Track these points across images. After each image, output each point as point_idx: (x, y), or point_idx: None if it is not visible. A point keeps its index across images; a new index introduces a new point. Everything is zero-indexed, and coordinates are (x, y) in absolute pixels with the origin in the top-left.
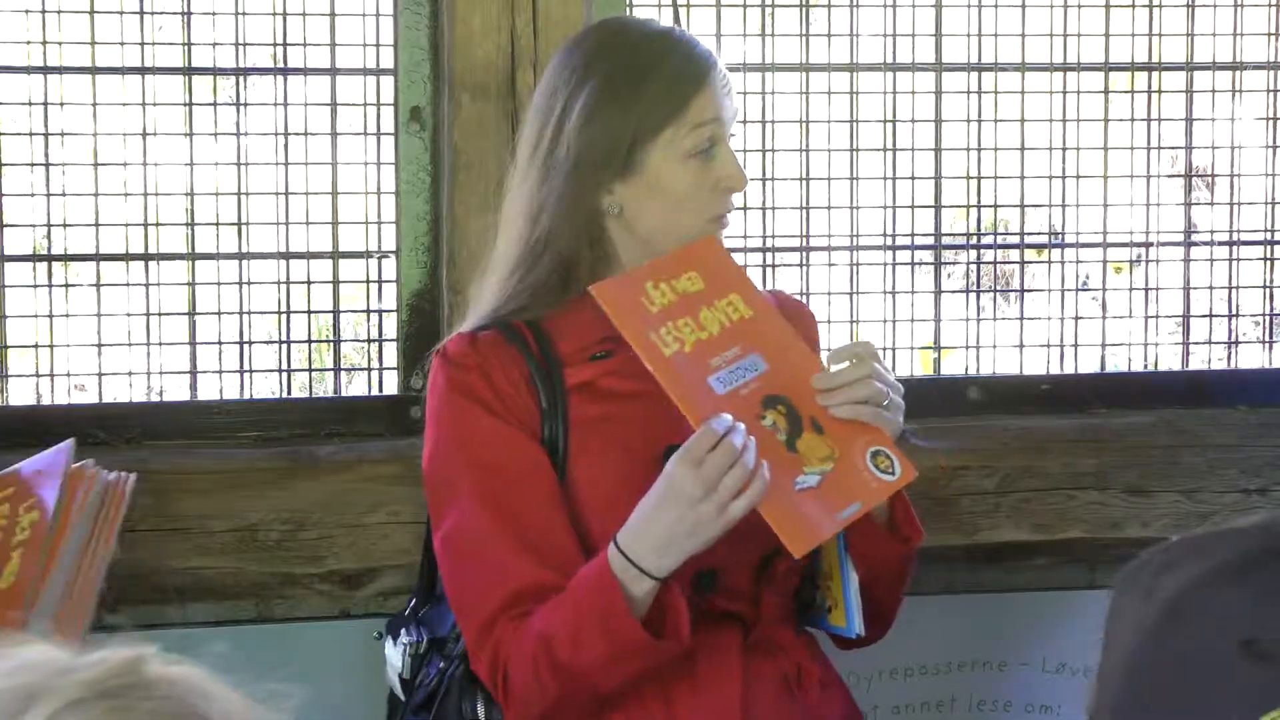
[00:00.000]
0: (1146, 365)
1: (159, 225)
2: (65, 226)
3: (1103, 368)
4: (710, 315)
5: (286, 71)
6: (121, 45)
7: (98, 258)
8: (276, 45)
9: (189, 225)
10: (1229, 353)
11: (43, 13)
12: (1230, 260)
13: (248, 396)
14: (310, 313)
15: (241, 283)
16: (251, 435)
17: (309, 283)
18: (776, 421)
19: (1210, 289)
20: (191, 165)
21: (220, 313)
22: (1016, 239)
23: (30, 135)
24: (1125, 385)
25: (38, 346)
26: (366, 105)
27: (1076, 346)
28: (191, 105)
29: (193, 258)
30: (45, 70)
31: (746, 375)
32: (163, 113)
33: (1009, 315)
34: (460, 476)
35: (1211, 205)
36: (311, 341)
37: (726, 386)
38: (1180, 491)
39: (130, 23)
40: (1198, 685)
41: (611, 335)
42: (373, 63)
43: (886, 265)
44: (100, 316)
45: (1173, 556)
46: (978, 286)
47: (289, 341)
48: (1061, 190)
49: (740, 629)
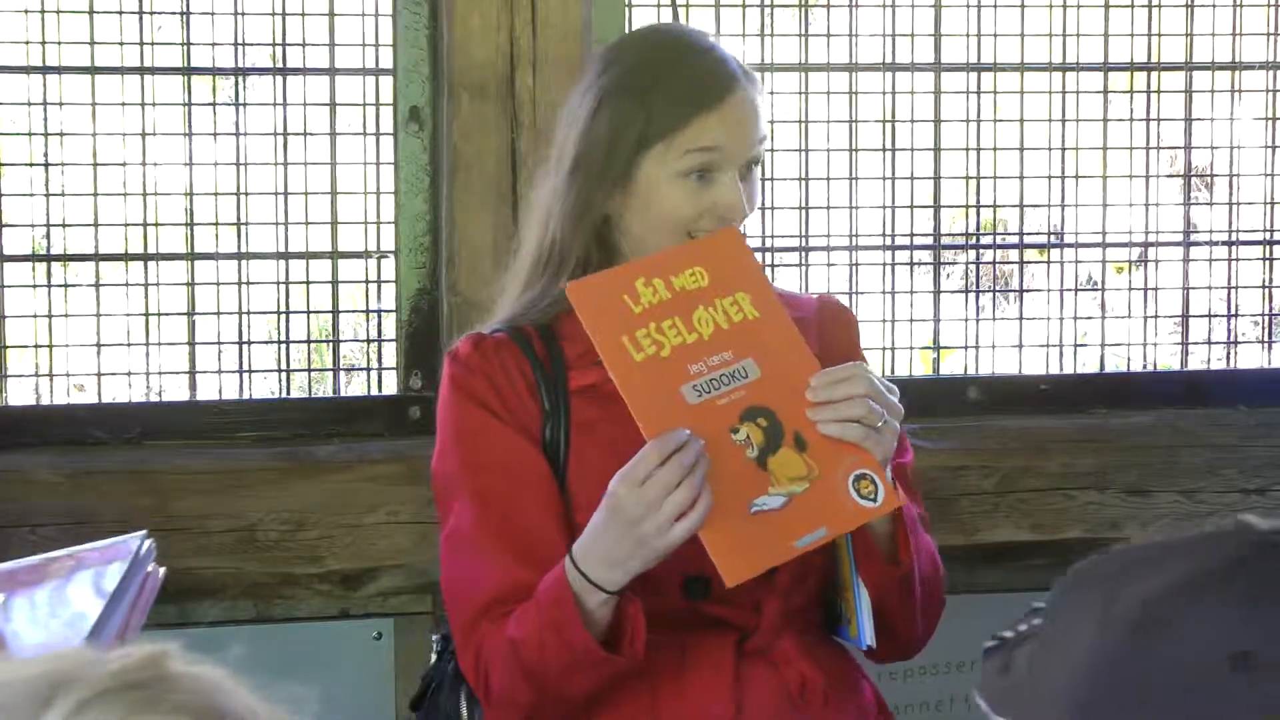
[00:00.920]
0: (1146, 365)
1: (158, 225)
2: (65, 226)
3: (1102, 368)
4: (706, 316)
5: (285, 71)
6: (121, 45)
7: (97, 258)
8: (275, 45)
9: (188, 225)
10: (1228, 353)
11: (42, 13)
12: (1229, 260)
13: (247, 396)
14: (309, 313)
15: (240, 283)
16: (251, 435)
17: (308, 283)
18: (750, 435)
19: (1209, 289)
20: (190, 165)
21: (219, 313)
22: (1016, 239)
23: (30, 135)
24: (1125, 385)
25: (37, 346)
26: (365, 105)
27: (1076, 346)
28: (190, 105)
29: (192, 258)
30: (45, 70)
31: (731, 383)
32: (162, 113)
33: (1008, 315)
34: (459, 476)
35: (1211, 205)
36: (311, 341)
37: (702, 396)
38: (1179, 491)
39: (129, 23)
40: (1188, 693)
41: None
42: (372, 63)
43: (886, 265)
44: (99, 316)
45: (1130, 562)
46: (977, 286)
47: (288, 341)
48: (1061, 190)
49: (735, 637)
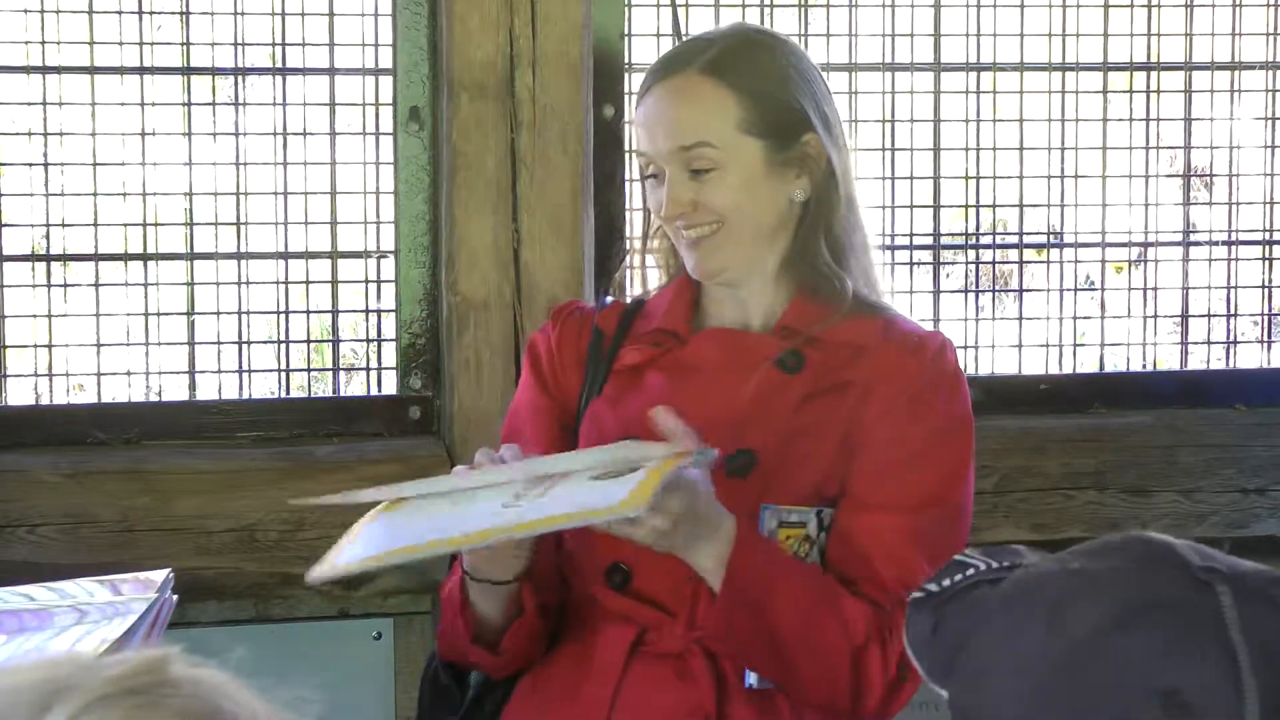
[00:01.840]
0: (1145, 365)
1: (158, 225)
2: (64, 226)
3: (1101, 368)
4: None
5: (285, 71)
6: (120, 45)
7: (96, 258)
8: (275, 45)
9: (188, 225)
10: (1227, 352)
11: (42, 13)
12: (1229, 260)
13: (246, 396)
14: (309, 313)
15: (240, 283)
16: (250, 435)
17: (308, 283)
18: None
19: (1209, 289)
20: (190, 165)
21: (219, 313)
22: (1015, 239)
23: (29, 135)
24: (1124, 385)
25: (37, 346)
26: (365, 105)
27: (1075, 346)
28: (190, 105)
29: (191, 258)
30: (44, 70)
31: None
32: (161, 113)
33: (1008, 315)
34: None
35: (1210, 205)
36: (310, 341)
37: None
38: (1178, 491)
39: (129, 23)
40: None
41: (669, 329)
42: (371, 63)
43: (885, 265)
44: (99, 316)
45: (1072, 587)
46: (976, 286)
47: (288, 341)
48: (1060, 190)
49: (635, 633)
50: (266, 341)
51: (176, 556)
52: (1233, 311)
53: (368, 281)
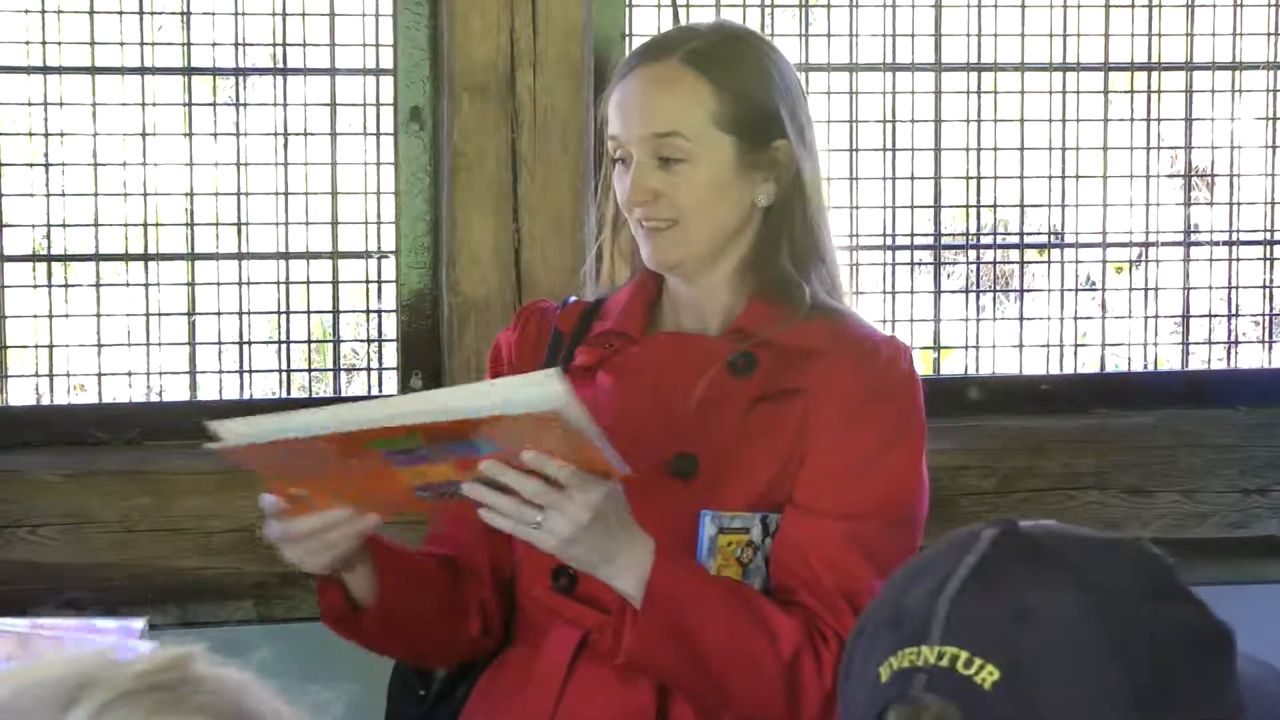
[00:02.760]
0: (1146, 365)
1: (158, 225)
2: (65, 227)
3: (1102, 368)
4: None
5: (286, 72)
6: (121, 45)
7: (97, 258)
8: (276, 45)
9: (188, 225)
10: (1228, 353)
11: (42, 13)
12: (1230, 260)
13: (247, 397)
14: (310, 313)
15: (241, 283)
16: None
17: (308, 283)
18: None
19: (1210, 289)
20: (191, 165)
21: (220, 313)
22: (1016, 239)
23: (30, 135)
24: (1125, 385)
25: (37, 346)
26: (366, 105)
27: (1076, 346)
28: (191, 105)
29: (192, 258)
30: (45, 70)
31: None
32: (162, 113)
33: (1009, 315)
34: None
35: (1211, 205)
36: (311, 342)
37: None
38: (1180, 491)
39: (130, 23)
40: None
41: (622, 330)
42: (372, 63)
43: (886, 265)
44: (100, 317)
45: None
46: (977, 287)
47: (288, 342)
48: (1061, 190)
49: (580, 636)
50: (267, 342)
51: (176, 556)
52: (1234, 312)
53: (368, 282)
